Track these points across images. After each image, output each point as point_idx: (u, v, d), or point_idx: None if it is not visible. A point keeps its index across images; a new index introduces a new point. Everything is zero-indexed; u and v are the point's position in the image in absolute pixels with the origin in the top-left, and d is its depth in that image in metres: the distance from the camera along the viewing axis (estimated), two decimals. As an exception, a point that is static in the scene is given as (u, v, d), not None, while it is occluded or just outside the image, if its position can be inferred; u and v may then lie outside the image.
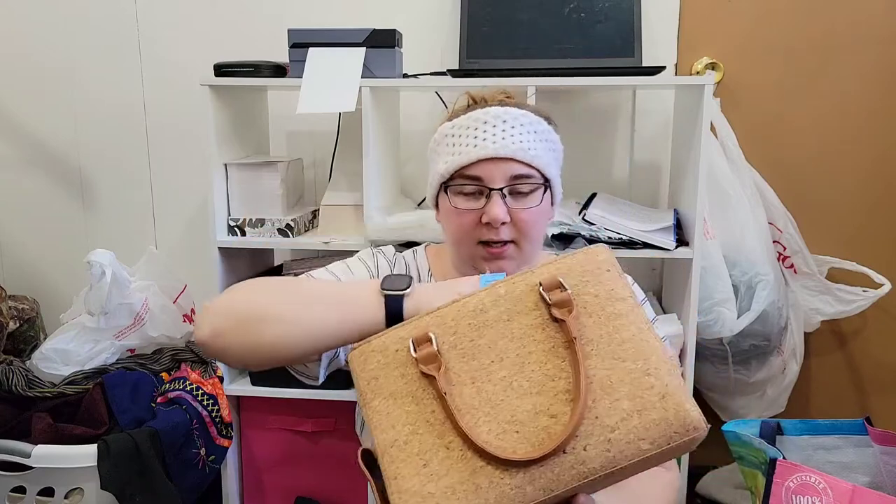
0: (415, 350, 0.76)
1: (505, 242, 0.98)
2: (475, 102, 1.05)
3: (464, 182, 0.99)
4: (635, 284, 1.08)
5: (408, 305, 0.84)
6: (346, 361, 0.83)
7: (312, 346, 0.86)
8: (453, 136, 1.00)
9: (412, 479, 0.71)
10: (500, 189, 0.97)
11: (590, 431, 0.70)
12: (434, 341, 0.76)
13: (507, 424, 0.72)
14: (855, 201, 1.82)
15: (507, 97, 1.04)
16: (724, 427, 1.34)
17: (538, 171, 0.99)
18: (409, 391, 0.76)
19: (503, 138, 0.97)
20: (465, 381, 0.75)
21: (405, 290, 0.84)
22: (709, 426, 0.71)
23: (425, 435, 0.73)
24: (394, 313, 0.83)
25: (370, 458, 0.77)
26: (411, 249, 1.15)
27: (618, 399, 0.71)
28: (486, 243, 0.99)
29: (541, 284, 0.77)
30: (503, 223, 0.97)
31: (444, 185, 1.01)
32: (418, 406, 0.75)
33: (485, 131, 0.98)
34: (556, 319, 0.75)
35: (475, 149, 0.97)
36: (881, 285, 1.67)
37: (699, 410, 0.70)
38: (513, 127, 0.98)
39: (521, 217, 0.98)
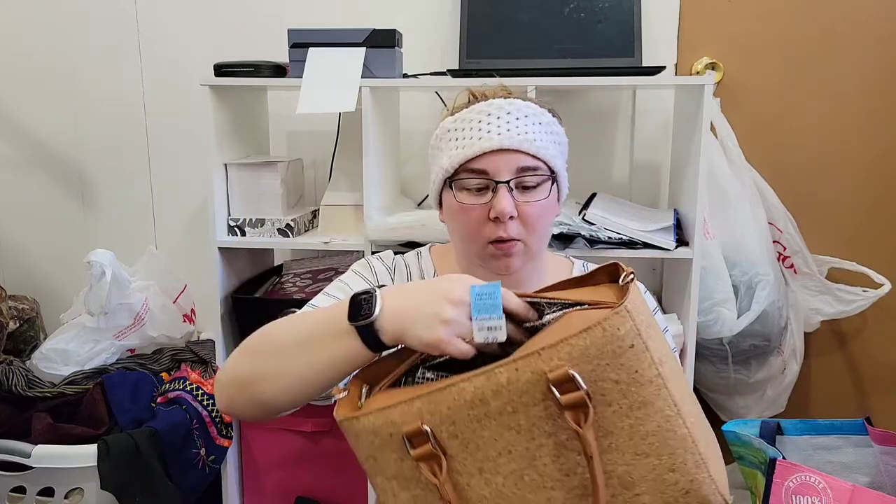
0: (411, 447, 0.69)
1: (514, 239, 0.96)
2: (475, 99, 1.02)
3: (469, 176, 0.96)
4: (647, 293, 1.05)
5: (384, 327, 0.75)
6: None
7: (312, 390, 0.81)
8: (456, 129, 0.98)
9: None
10: (507, 182, 0.94)
11: None
12: (430, 435, 0.69)
13: None
14: (855, 201, 1.81)
15: (508, 94, 1.02)
16: (724, 427, 1.34)
17: (544, 162, 0.97)
18: (412, 475, 0.70)
19: (508, 129, 0.95)
20: (471, 470, 0.69)
21: (371, 316, 0.75)
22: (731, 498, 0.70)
23: None
24: (373, 342, 0.76)
25: None
26: (415, 251, 1.13)
27: (638, 494, 0.67)
28: (495, 241, 0.96)
29: (549, 379, 0.66)
30: (511, 217, 0.94)
31: (449, 181, 0.98)
32: (424, 491, 0.70)
33: (489, 123, 0.95)
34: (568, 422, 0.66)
35: (479, 141, 0.95)
36: (881, 285, 1.67)
37: (721, 492, 0.68)
38: (517, 118, 0.96)
39: (528, 211, 0.95)
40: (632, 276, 0.70)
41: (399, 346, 0.77)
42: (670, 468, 0.66)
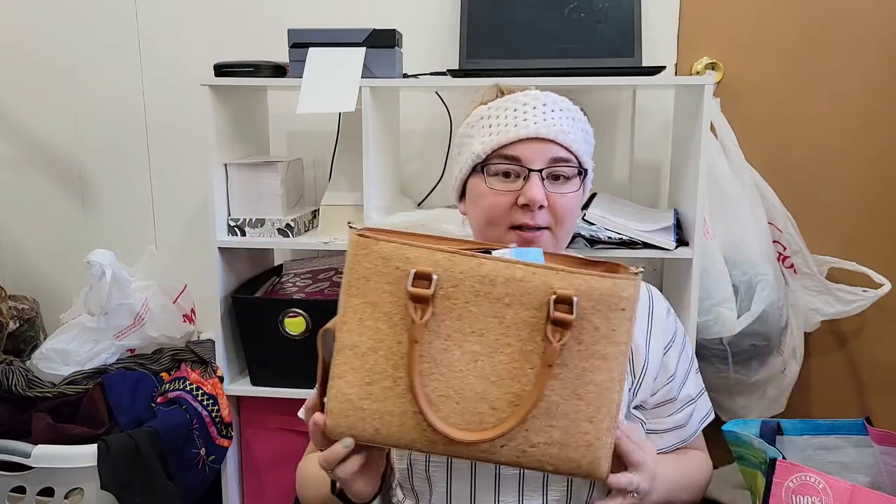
0: (412, 283, 0.75)
1: (539, 228, 0.95)
2: (502, 94, 1.02)
3: (501, 161, 0.96)
4: (671, 314, 1.08)
5: (350, 496, 0.87)
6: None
7: None
8: (490, 117, 0.98)
9: (354, 387, 0.76)
10: (540, 171, 0.94)
11: (513, 436, 0.75)
12: (433, 284, 0.75)
13: (453, 392, 0.76)
14: (855, 201, 1.81)
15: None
16: (724, 427, 1.34)
17: (576, 157, 0.97)
18: (388, 312, 0.77)
19: (544, 119, 0.95)
20: (440, 334, 0.76)
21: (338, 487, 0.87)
22: (609, 477, 0.79)
23: (382, 359, 0.76)
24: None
25: (328, 336, 0.81)
26: None
27: (552, 426, 0.76)
28: (519, 227, 0.95)
29: (555, 294, 0.75)
30: (540, 207, 0.94)
31: (481, 166, 0.98)
32: (391, 330, 0.76)
33: (524, 112, 0.96)
34: (546, 334, 0.75)
35: (515, 128, 0.95)
36: (881, 285, 1.67)
37: (608, 469, 0.78)
38: (552, 111, 0.96)
39: (559, 202, 0.95)
40: (642, 269, 0.78)
41: None
42: (590, 419, 0.76)
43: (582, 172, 0.99)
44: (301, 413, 1.09)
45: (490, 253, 0.80)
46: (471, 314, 0.76)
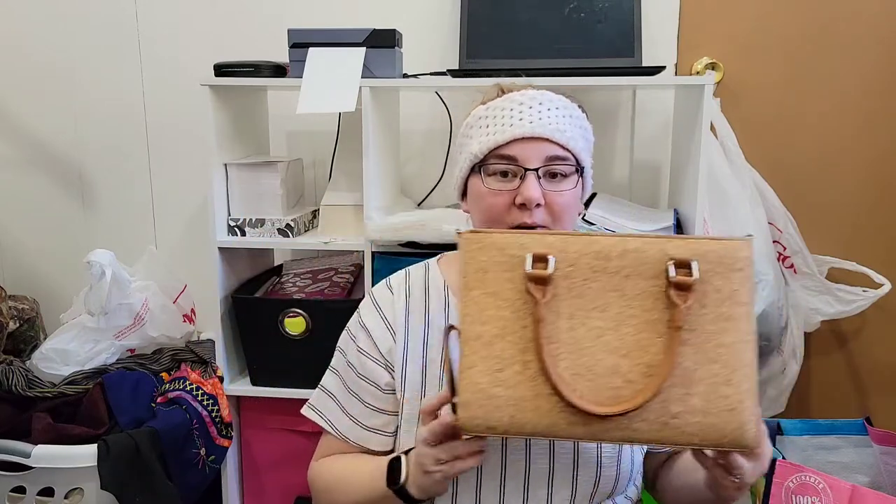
0: (531, 266, 0.77)
1: (538, 227, 0.96)
2: (504, 93, 1.03)
3: (498, 161, 0.97)
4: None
5: (415, 493, 0.89)
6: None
7: None
8: (487, 117, 0.99)
9: (484, 376, 0.76)
10: (536, 170, 0.95)
11: (652, 409, 0.74)
12: (551, 265, 0.77)
13: (584, 370, 0.76)
14: (855, 201, 1.81)
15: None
16: (724, 427, 1.33)
17: (573, 155, 0.98)
18: (510, 298, 0.78)
19: (540, 118, 0.96)
20: (562, 313, 0.77)
21: (402, 481, 0.90)
22: (759, 444, 0.76)
23: (509, 344, 0.77)
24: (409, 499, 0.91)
25: (451, 335, 0.82)
26: (422, 263, 1.12)
27: (690, 394, 0.74)
28: (519, 227, 0.96)
29: (672, 259, 0.76)
30: (537, 205, 0.95)
31: (479, 166, 0.99)
32: (514, 315, 0.77)
33: (521, 111, 0.97)
34: (670, 299, 0.75)
35: (511, 128, 0.96)
36: (881, 285, 1.67)
37: (757, 430, 0.75)
38: (549, 109, 0.97)
39: (556, 200, 0.96)
40: (752, 235, 0.80)
41: None
42: (728, 381, 0.74)
43: (579, 170, 0.99)
44: (307, 412, 1.10)
45: None
46: (591, 291, 0.77)
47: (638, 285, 0.77)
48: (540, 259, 0.77)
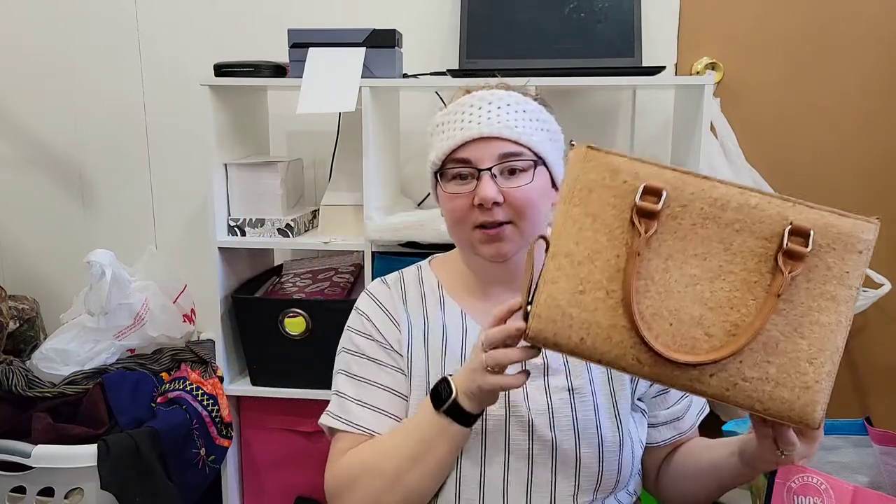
0: (640, 197, 0.74)
1: (501, 224, 0.97)
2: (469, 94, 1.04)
3: (454, 166, 0.98)
4: None
5: (463, 401, 0.89)
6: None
7: (442, 478, 0.96)
8: (443, 123, 1.01)
9: (565, 294, 0.74)
10: (489, 169, 0.96)
11: (725, 367, 0.73)
12: (662, 201, 0.74)
13: (668, 313, 0.74)
14: (855, 201, 1.81)
15: (507, 89, 1.03)
16: (724, 427, 1.33)
17: (528, 148, 0.98)
18: (609, 224, 0.75)
19: (488, 118, 0.97)
20: (661, 252, 0.74)
21: (452, 396, 0.89)
22: (820, 428, 0.77)
23: (598, 270, 0.74)
24: (463, 417, 0.90)
25: (540, 246, 0.80)
26: (415, 266, 1.13)
27: (769, 362, 0.73)
28: (482, 226, 0.98)
29: (791, 224, 0.73)
30: (496, 203, 0.96)
31: (438, 173, 1.01)
32: (609, 242, 0.75)
33: (470, 114, 0.98)
34: (777, 263, 0.73)
35: (461, 132, 0.97)
36: (881, 285, 1.67)
37: (823, 415, 0.75)
38: (498, 108, 0.98)
39: (515, 195, 0.96)
40: (879, 218, 0.77)
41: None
42: (811, 359, 0.73)
43: (539, 162, 0.99)
44: (325, 421, 1.06)
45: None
46: (696, 236, 0.74)
47: (747, 243, 0.73)
48: (652, 192, 0.74)
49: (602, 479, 0.97)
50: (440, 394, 0.90)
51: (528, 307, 0.77)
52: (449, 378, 0.90)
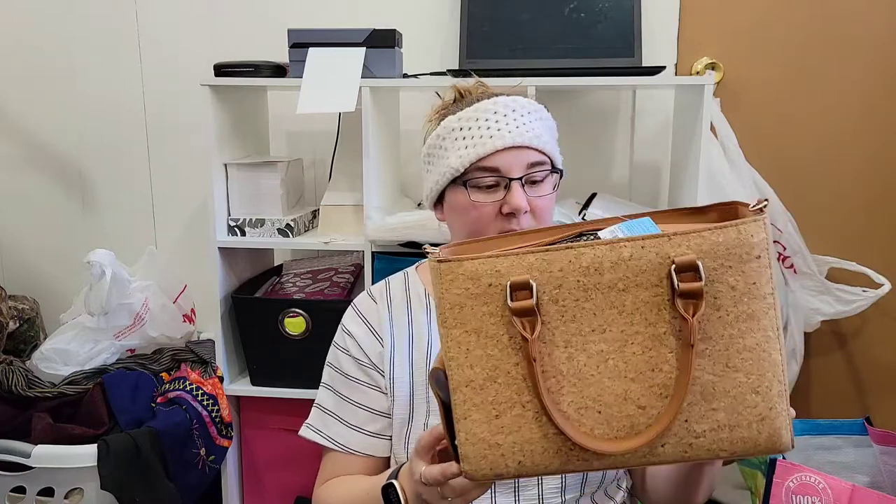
0: (511, 297, 0.67)
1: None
2: (461, 96, 1.04)
3: (482, 175, 0.97)
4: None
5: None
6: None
7: None
8: (462, 129, 0.98)
9: (482, 425, 0.69)
10: (520, 178, 0.96)
11: (674, 432, 0.67)
12: (534, 291, 0.67)
13: (591, 402, 0.68)
14: (855, 201, 1.81)
15: (487, 89, 1.04)
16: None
17: (549, 157, 1.00)
18: (494, 333, 0.69)
19: (517, 126, 0.96)
20: (557, 342, 0.68)
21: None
22: (793, 445, 0.70)
23: (503, 386, 0.69)
24: None
25: (439, 375, 0.74)
26: (402, 272, 1.13)
27: (715, 409, 0.67)
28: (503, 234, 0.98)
29: (674, 263, 0.66)
30: (525, 212, 0.96)
31: (462, 180, 0.98)
32: (501, 353, 0.69)
33: (496, 121, 0.97)
34: (677, 309, 0.66)
35: (491, 139, 0.96)
36: (881, 285, 1.67)
37: (790, 432, 0.68)
38: (522, 115, 0.98)
39: (538, 204, 0.98)
40: (766, 202, 0.69)
41: None
42: (755, 389, 0.66)
43: (555, 171, 1.01)
44: (305, 433, 1.08)
45: (594, 237, 0.72)
46: (585, 312, 0.68)
47: (639, 297, 0.67)
48: (520, 287, 0.67)
49: (587, 475, 0.98)
50: (390, 500, 0.86)
51: (456, 443, 0.71)
52: (396, 486, 0.86)
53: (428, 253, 0.71)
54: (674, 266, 0.66)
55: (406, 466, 0.86)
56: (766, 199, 0.69)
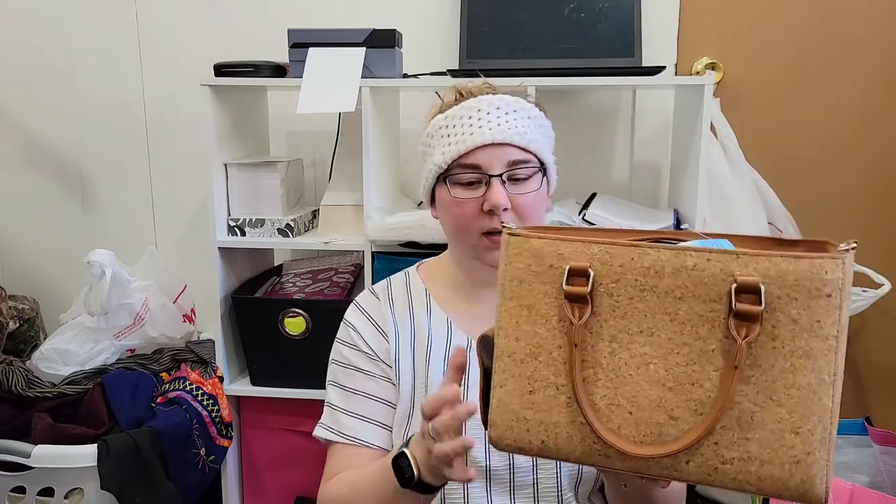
0: (567, 281, 0.68)
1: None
2: (462, 96, 1.05)
3: (462, 171, 0.98)
4: None
5: (428, 479, 0.84)
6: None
7: None
8: (447, 126, 1.00)
9: (515, 396, 0.70)
10: (500, 175, 0.97)
11: (701, 451, 0.65)
12: (590, 281, 0.67)
13: (624, 401, 0.67)
14: (855, 201, 1.81)
15: (493, 90, 1.04)
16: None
17: (534, 155, 0.99)
18: (545, 314, 0.70)
19: (499, 124, 0.97)
20: (603, 334, 0.68)
21: (415, 476, 0.84)
22: (827, 499, 0.65)
23: (542, 365, 0.70)
24: (426, 488, 0.86)
25: (487, 343, 0.75)
26: (403, 272, 1.13)
27: (748, 439, 0.64)
28: (488, 233, 0.98)
29: (736, 282, 0.63)
30: (504, 209, 0.96)
31: (444, 177, 1.00)
32: (548, 333, 0.69)
33: (479, 119, 0.98)
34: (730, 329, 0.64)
35: (472, 136, 0.97)
36: (881, 285, 1.67)
37: (826, 485, 0.63)
38: (507, 113, 0.98)
39: (521, 202, 0.98)
40: (855, 244, 0.65)
41: None
42: (795, 429, 0.63)
43: (542, 168, 1.01)
44: (319, 433, 1.08)
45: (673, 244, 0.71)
46: (637, 312, 0.67)
47: (693, 309, 0.65)
48: (579, 273, 0.68)
49: (581, 476, 0.98)
50: (402, 470, 0.87)
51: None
52: (406, 453, 0.87)
53: (504, 225, 0.73)
54: (735, 285, 0.64)
55: (417, 436, 0.87)
56: (856, 242, 0.65)
